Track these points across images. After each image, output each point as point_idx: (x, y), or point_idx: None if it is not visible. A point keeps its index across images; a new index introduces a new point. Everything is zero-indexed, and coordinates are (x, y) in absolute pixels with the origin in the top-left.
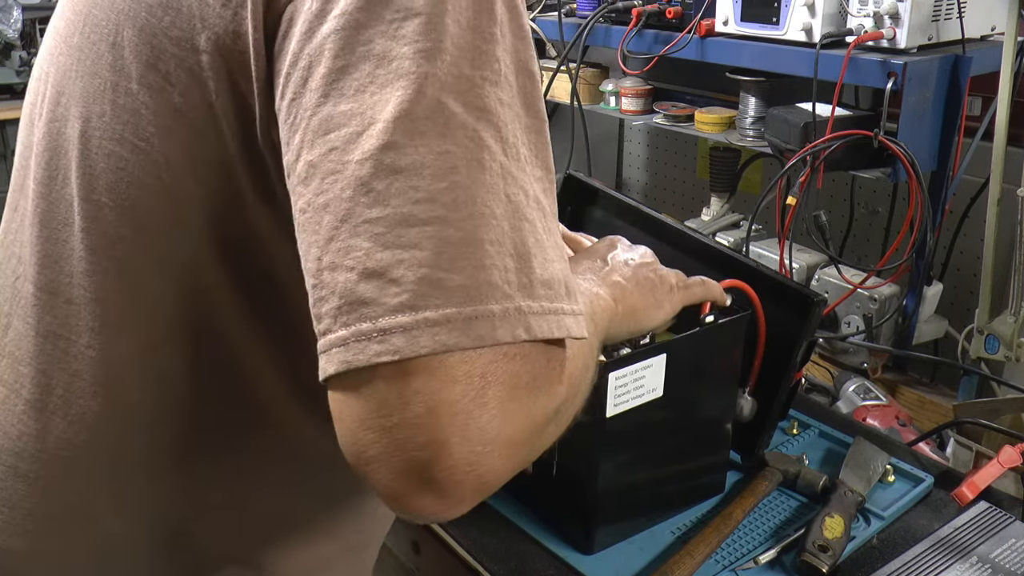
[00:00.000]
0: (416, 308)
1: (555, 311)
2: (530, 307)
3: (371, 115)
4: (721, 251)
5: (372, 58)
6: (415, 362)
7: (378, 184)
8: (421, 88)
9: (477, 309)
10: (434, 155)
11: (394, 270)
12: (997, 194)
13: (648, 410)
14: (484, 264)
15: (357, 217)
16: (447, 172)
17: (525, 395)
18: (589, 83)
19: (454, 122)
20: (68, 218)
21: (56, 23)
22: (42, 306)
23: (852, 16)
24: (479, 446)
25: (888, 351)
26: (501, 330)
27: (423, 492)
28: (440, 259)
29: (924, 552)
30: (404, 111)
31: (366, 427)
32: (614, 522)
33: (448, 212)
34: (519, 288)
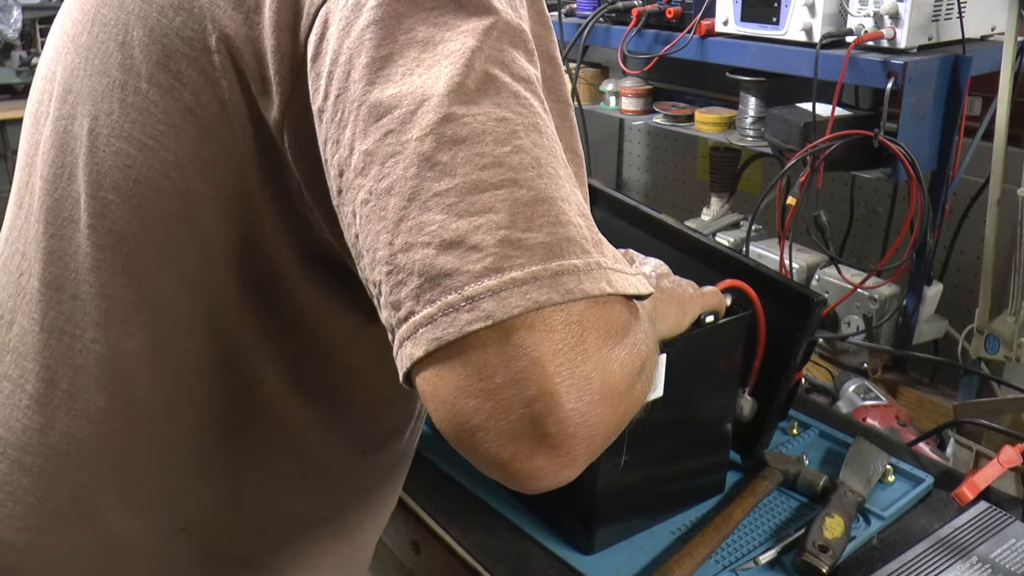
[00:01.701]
0: (502, 270)
1: (622, 270)
2: (604, 263)
3: (422, 92)
4: (721, 251)
5: (416, 44)
6: (510, 322)
7: (443, 156)
8: (470, 62)
9: (563, 264)
10: (493, 122)
11: (472, 236)
12: (997, 194)
13: (648, 410)
14: (561, 220)
15: (426, 192)
16: (509, 136)
17: (618, 345)
18: (589, 83)
19: (506, 90)
20: (74, 215)
21: (63, 23)
22: (47, 302)
23: (852, 16)
24: (587, 394)
25: (888, 351)
26: (587, 283)
27: (537, 452)
28: (516, 219)
29: (924, 552)
30: (457, 84)
31: (467, 395)
32: (614, 522)
33: (516, 174)
34: (594, 244)
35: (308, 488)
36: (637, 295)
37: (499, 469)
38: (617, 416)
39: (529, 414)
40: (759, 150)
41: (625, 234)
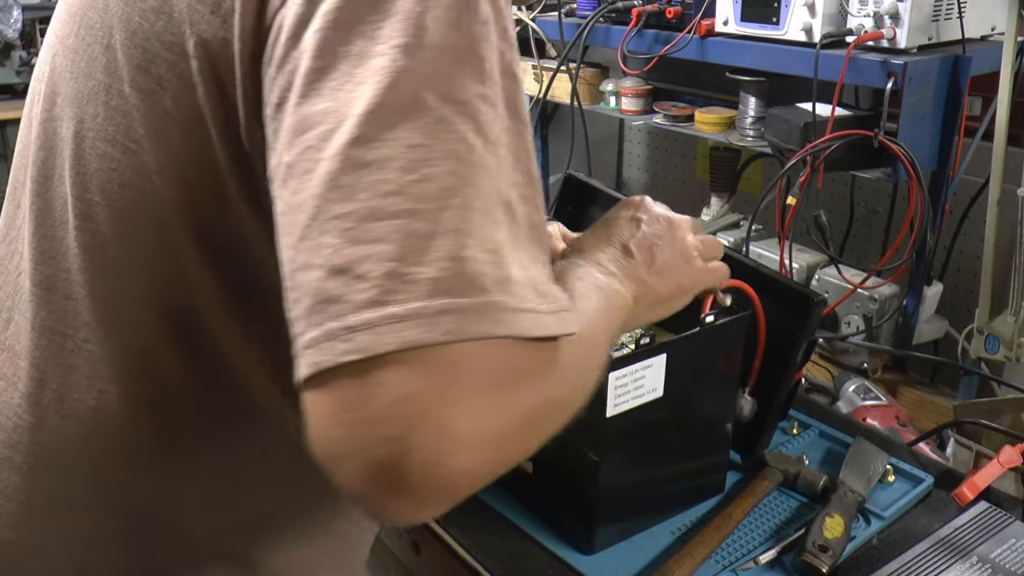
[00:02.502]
0: (382, 304)
1: (532, 310)
2: (506, 303)
3: (344, 111)
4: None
5: (351, 58)
6: (382, 358)
7: (347, 179)
8: (395, 82)
9: (448, 302)
10: (404, 148)
11: (360, 265)
12: (997, 194)
13: (648, 410)
14: (458, 256)
15: (326, 213)
16: (418, 164)
17: (502, 392)
18: (589, 83)
19: (430, 115)
20: (63, 216)
21: (54, 24)
22: (38, 302)
23: (852, 16)
24: (447, 442)
25: (888, 351)
26: (472, 324)
27: (390, 492)
28: (407, 252)
29: (924, 552)
30: (376, 104)
31: (333, 423)
32: (614, 522)
33: (417, 204)
34: (495, 282)
35: (301, 488)
36: (547, 336)
37: (356, 501)
38: (491, 461)
39: (386, 453)
40: (759, 150)
41: None
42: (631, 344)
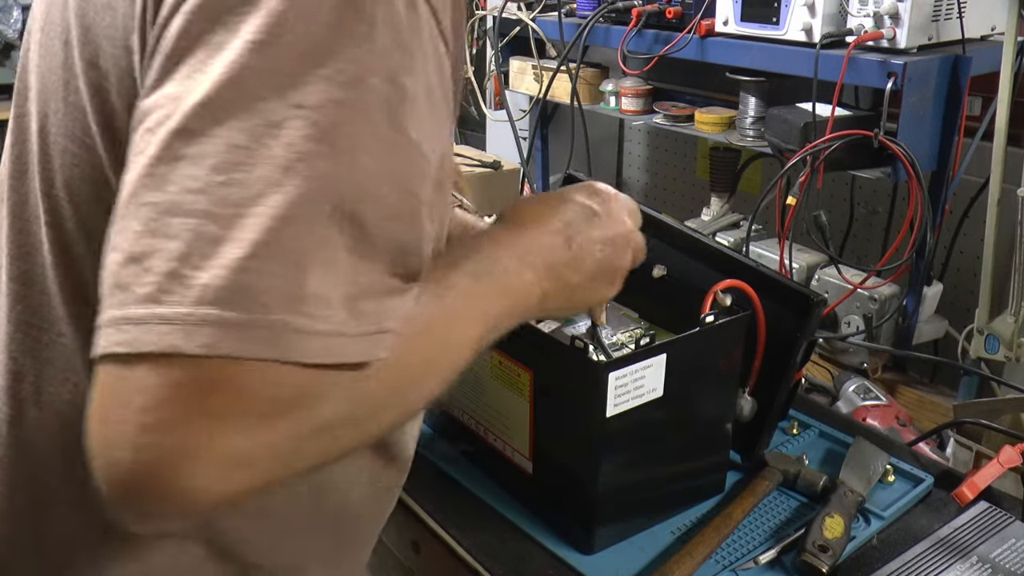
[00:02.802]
0: (156, 301)
1: (328, 332)
2: (290, 323)
3: (183, 100)
4: (721, 251)
5: (208, 47)
6: (144, 356)
7: (160, 168)
8: (235, 78)
9: (210, 313)
10: (224, 146)
11: (150, 258)
12: (997, 194)
13: (648, 410)
14: (240, 266)
15: (137, 199)
16: (231, 166)
17: (262, 416)
18: (589, 83)
19: (262, 117)
20: (36, 211)
21: (31, 18)
22: (14, 296)
23: (852, 16)
24: (187, 460)
25: (888, 351)
26: (234, 341)
27: (126, 496)
28: (191, 254)
29: (924, 552)
30: (209, 98)
31: (92, 411)
32: (614, 522)
33: (217, 207)
34: (284, 299)
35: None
36: (340, 363)
37: (105, 502)
38: (232, 486)
39: (128, 458)
40: (759, 150)
41: None
42: (631, 344)
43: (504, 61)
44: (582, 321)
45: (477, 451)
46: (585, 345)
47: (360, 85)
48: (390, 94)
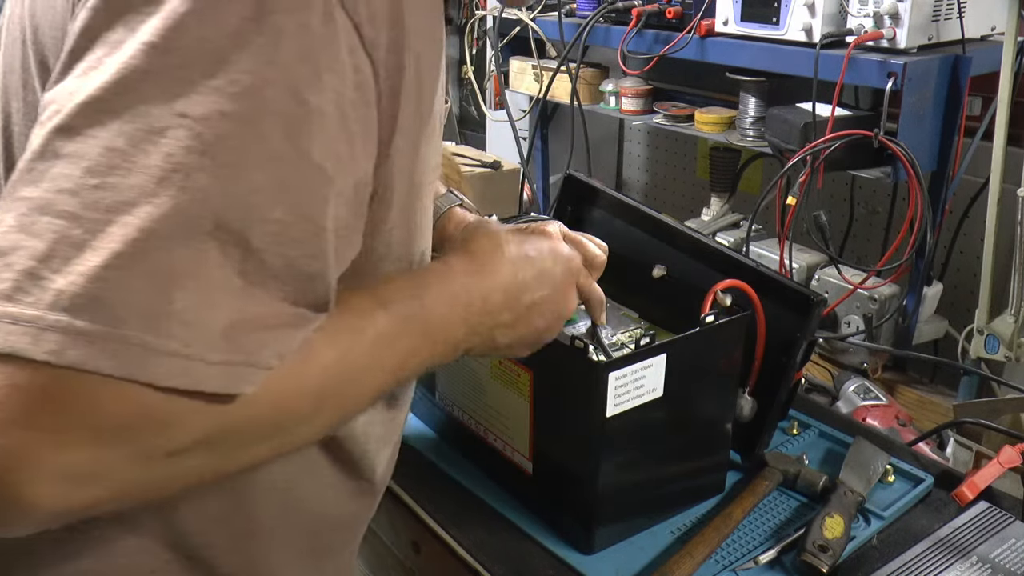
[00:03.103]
0: (10, 299)
1: (186, 355)
2: (144, 340)
3: (73, 96)
4: (721, 251)
5: (107, 44)
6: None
7: (39, 164)
8: (124, 80)
9: (62, 320)
10: (101, 149)
11: (13, 254)
12: (997, 194)
13: (648, 410)
14: (97, 276)
15: (15, 192)
16: (106, 170)
17: (101, 432)
18: (589, 83)
19: (144, 122)
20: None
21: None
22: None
23: (852, 16)
24: (17, 464)
25: (888, 351)
26: (81, 352)
27: None
28: (52, 257)
29: (924, 552)
30: (95, 98)
31: None
32: (614, 522)
33: (84, 211)
34: (144, 316)
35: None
36: (175, 388)
37: None
38: (78, 496)
39: None
40: (759, 150)
41: (625, 234)
42: (631, 344)
43: (504, 61)
44: (582, 321)
45: (477, 451)
46: (585, 345)
47: (254, 98)
48: (290, 110)
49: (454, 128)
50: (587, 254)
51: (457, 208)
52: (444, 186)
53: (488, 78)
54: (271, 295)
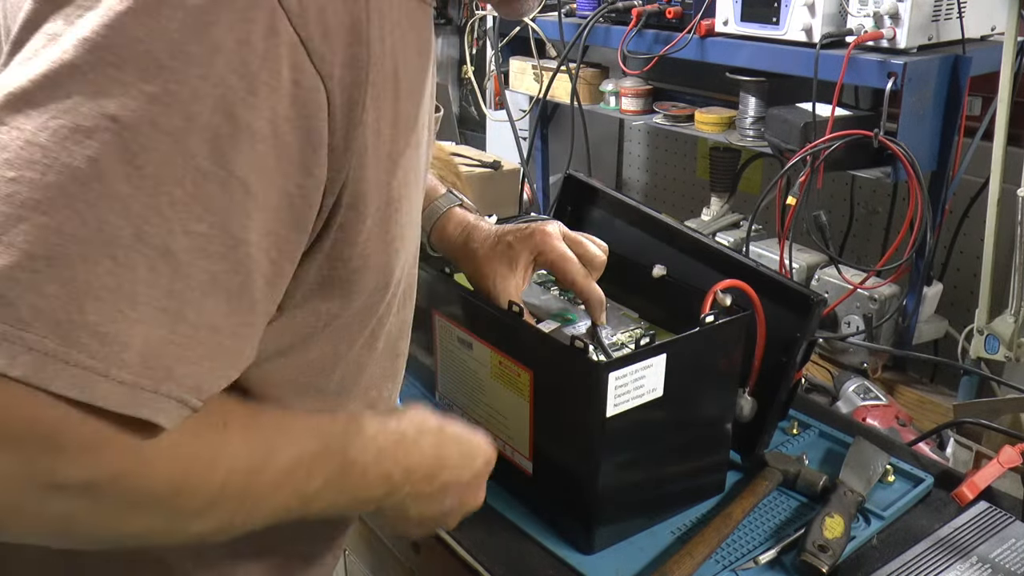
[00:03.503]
0: None
1: (94, 369)
2: (47, 345)
3: (3, 87)
4: (721, 251)
5: (45, 35)
6: None
7: None
8: (54, 75)
9: None
10: (22, 143)
11: None
12: (997, 194)
13: (648, 410)
14: (4, 274)
15: None
16: (25, 164)
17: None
18: (589, 83)
19: (70, 120)
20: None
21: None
22: None
23: (852, 16)
24: None
25: (888, 351)
26: None
27: None
28: None
29: (924, 552)
30: (24, 89)
31: None
32: (614, 522)
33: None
34: (48, 320)
35: None
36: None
37: None
38: None
39: None
40: (759, 150)
41: (625, 234)
42: (631, 344)
43: (504, 61)
44: (582, 321)
45: None
46: (585, 345)
47: (184, 111)
48: (219, 126)
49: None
50: (587, 254)
51: (457, 208)
52: (444, 186)
53: (488, 78)
54: (199, 315)
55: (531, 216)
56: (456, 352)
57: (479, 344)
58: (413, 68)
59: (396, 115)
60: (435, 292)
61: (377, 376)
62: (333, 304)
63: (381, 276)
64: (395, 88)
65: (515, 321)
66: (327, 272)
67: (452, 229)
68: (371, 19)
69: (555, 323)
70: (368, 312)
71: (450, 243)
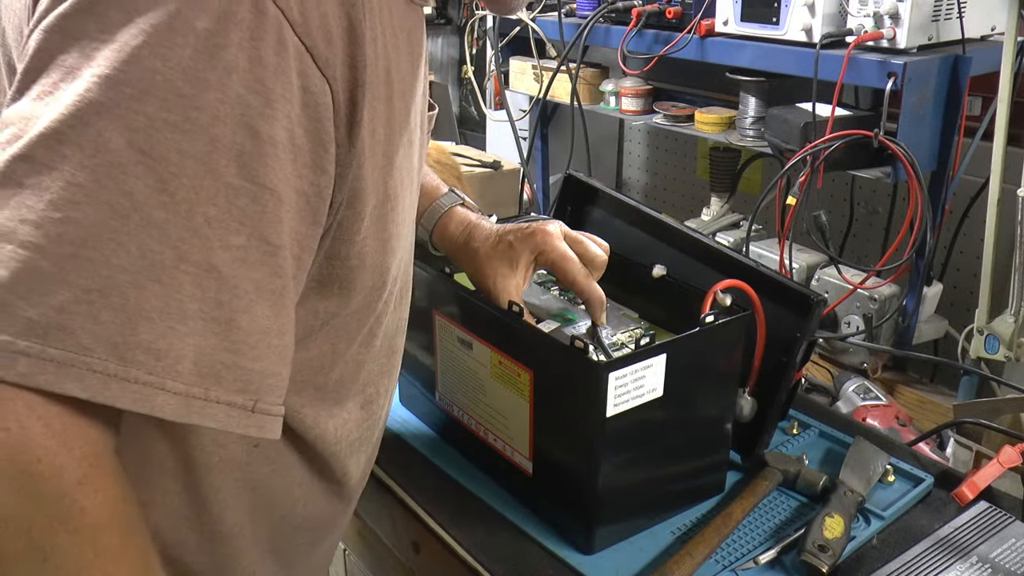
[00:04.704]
0: None
1: (151, 383)
2: (110, 368)
3: (32, 123)
4: (721, 251)
5: (62, 69)
6: None
7: (1, 192)
8: (82, 113)
9: (32, 346)
10: (63, 183)
11: None
12: (997, 194)
13: (648, 410)
14: (64, 308)
15: None
16: (68, 204)
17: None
18: (589, 83)
19: (104, 158)
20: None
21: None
22: None
23: (852, 16)
24: None
25: (888, 351)
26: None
27: None
28: (17, 285)
29: (924, 552)
30: (55, 130)
31: None
32: (614, 522)
33: (49, 244)
34: (106, 343)
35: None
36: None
37: None
38: None
39: None
40: (759, 150)
41: (625, 234)
42: (631, 344)
43: (504, 61)
44: (582, 321)
45: (477, 451)
46: (585, 345)
47: (208, 134)
48: (243, 143)
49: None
50: (588, 253)
51: (459, 207)
52: (446, 185)
53: (488, 78)
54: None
55: (531, 216)
56: (456, 352)
57: (479, 344)
58: (405, 68)
59: (390, 114)
60: (435, 292)
61: (375, 373)
62: (331, 303)
63: (378, 274)
64: (388, 88)
65: (515, 321)
66: (326, 271)
67: (454, 228)
68: (365, 21)
69: (555, 323)
70: (366, 310)
71: (451, 242)
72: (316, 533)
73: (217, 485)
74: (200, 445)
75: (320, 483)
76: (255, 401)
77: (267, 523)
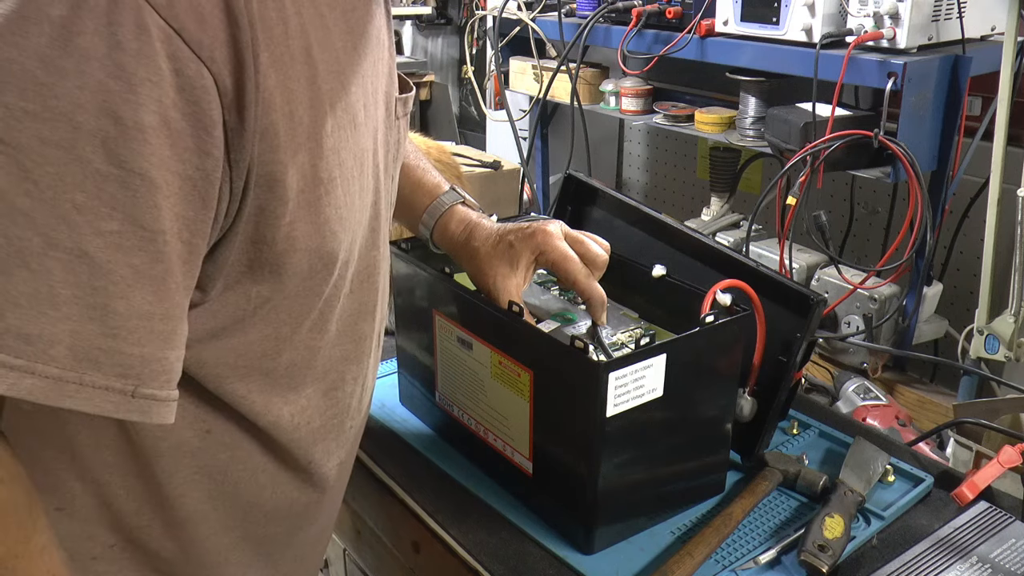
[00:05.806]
0: None
1: (20, 368)
2: None
3: None
4: (721, 251)
5: None
6: None
7: None
8: None
9: None
10: None
11: None
12: (997, 194)
13: (648, 410)
14: None
15: None
16: None
17: None
18: (589, 83)
19: None
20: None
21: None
22: None
23: (852, 16)
24: None
25: (888, 351)
26: None
27: None
28: None
29: (924, 552)
30: None
31: None
32: (614, 522)
33: None
34: None
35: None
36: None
37: None
38: None
39: None
40: (759, 150)
41: (625, 234)
42: (631, 344)
43: (504, 61)
44: (582, 321)
45: (477, 451)
46: (585, 345)
47: (69, 123)
48: (106, 129)
49: (454, 128)
50: (588, 253)
51: (460, 206)
52: (447, 183)
53: (488, 78)
54: (129, 305)
55: (531, 216)
56: (456, 352)
57: (479, 344)
58: (339, 46)
59: (314, 96)
60: (435, 292)
61: (336, 359)
62: (264, 287)
63: (317, 259)
64: (309, 68)
65: (515, 321)
66: (253, 255)
67: (454, 227)
68: (250, 1)
69: (555, 323)
70: (309, 294)
71: (452, 241)
72: (291, 522)
73: (170, 471)
74: (144, 430)
75: (286, 471)
76: (136, 386)
77: (233, 510)
